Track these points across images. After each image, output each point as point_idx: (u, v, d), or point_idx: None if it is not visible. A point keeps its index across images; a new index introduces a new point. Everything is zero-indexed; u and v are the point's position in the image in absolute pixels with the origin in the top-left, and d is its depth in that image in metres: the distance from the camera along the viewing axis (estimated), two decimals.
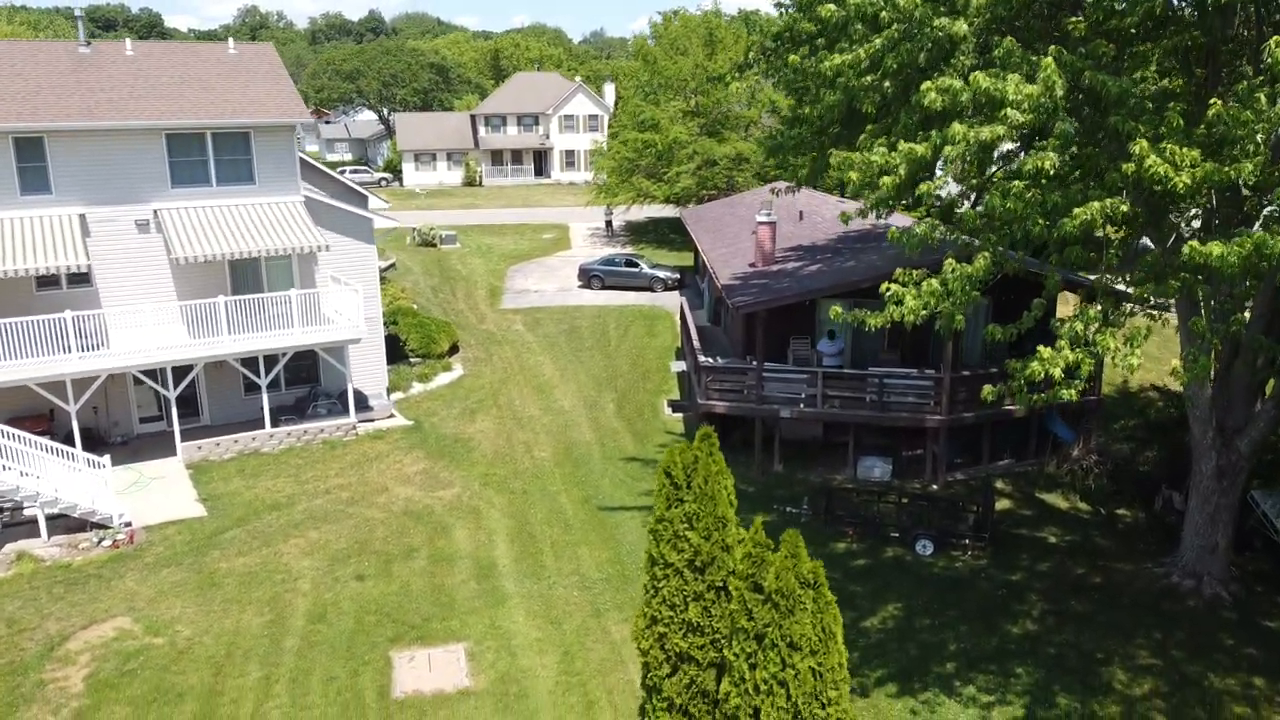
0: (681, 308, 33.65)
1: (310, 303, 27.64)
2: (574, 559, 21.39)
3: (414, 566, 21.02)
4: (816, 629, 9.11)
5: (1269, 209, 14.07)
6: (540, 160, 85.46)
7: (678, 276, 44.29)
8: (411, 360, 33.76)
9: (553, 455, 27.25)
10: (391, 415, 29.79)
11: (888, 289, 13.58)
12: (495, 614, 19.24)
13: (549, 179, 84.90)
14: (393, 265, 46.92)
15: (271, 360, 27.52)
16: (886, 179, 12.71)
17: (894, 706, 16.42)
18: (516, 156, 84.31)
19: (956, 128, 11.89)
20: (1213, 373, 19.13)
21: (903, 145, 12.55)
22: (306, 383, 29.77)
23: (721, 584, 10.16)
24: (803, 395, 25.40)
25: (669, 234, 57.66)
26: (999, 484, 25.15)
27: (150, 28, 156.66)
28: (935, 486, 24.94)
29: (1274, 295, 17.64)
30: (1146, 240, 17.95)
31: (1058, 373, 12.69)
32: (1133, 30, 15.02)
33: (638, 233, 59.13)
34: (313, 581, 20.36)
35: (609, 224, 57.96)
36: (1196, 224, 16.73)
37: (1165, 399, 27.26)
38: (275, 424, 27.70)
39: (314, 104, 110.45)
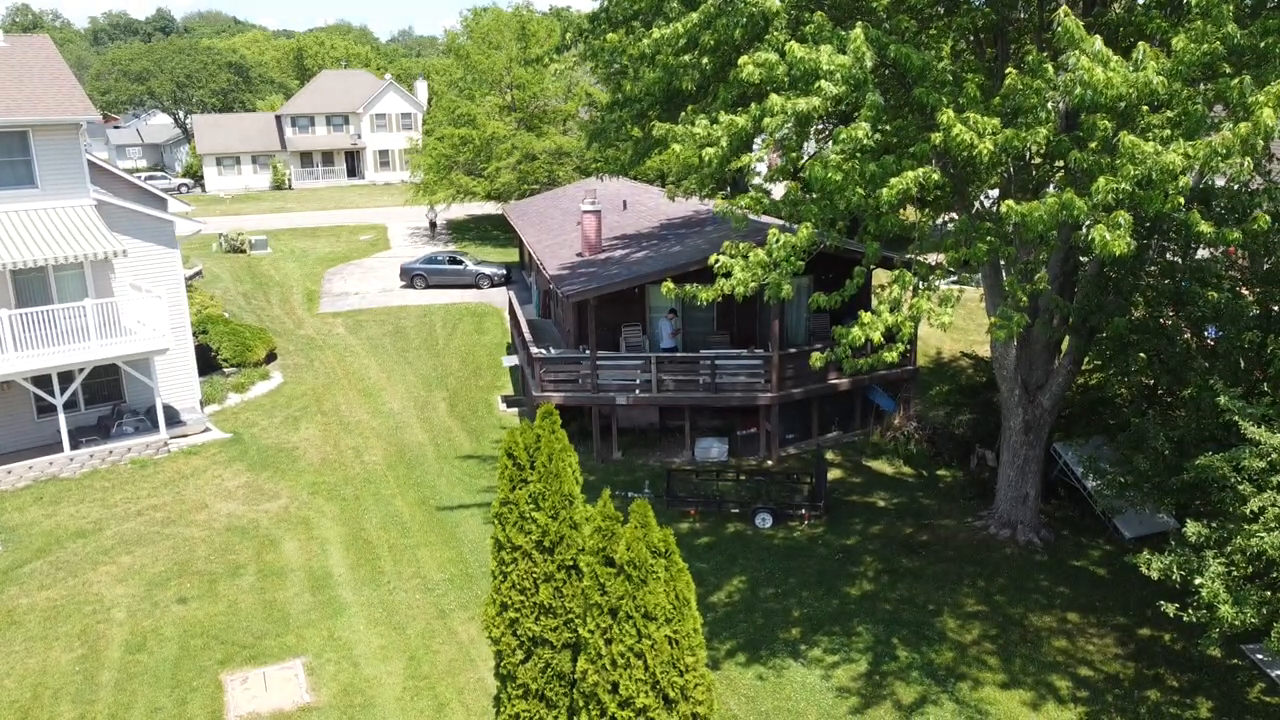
0: (510, 302, 33.25)
1: (108, 313, 25.60)
2: (414, 562, 20.72)
3: (242, 584, 19.83)
4: (670, 597, 9.08)
5: (1059, 175, 15.11)
6: (353, 161, 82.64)
7: (504, 272, 43.76)
8: (226, 370, 31.91)
9: (384, 459, 26.34)
10: (207, 429, 28.04)
11: (716, 261, 13.77)
12: (333, 625, 18.38)
13: (363, 180, 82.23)
14: (199, 273, 44.27)
15: (67, 377, 25.39)
16: (709, 150, 12.87)
17: (744, 675, 16.70)
18: (327, 158, 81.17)
19: (774, 99, 12.16)
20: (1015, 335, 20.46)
21: (724, 117, 12.75)
22: (110, 400, 27.64)
23: (572, 562, 9.98)
24: (637, 381, 25.54)
25: (492, 231, 56.93)
26: (830, 455, 26.07)
27: None
28: (770, 462, 25.60)
29: (1065, 259, 19.02)
30: (952, 215, 18.97)
31: (878, 336, 13.18)
32: (927, 10, 15.79)
33: (460, 231, 58.09)
34: (129, 610, 18.87)
35: (433, 225, 56.30)
36: (995, 194, 17.79)
37: (975, 365, 28.96)
38: (75, 446, 25.56)
39: (100, 108, 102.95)
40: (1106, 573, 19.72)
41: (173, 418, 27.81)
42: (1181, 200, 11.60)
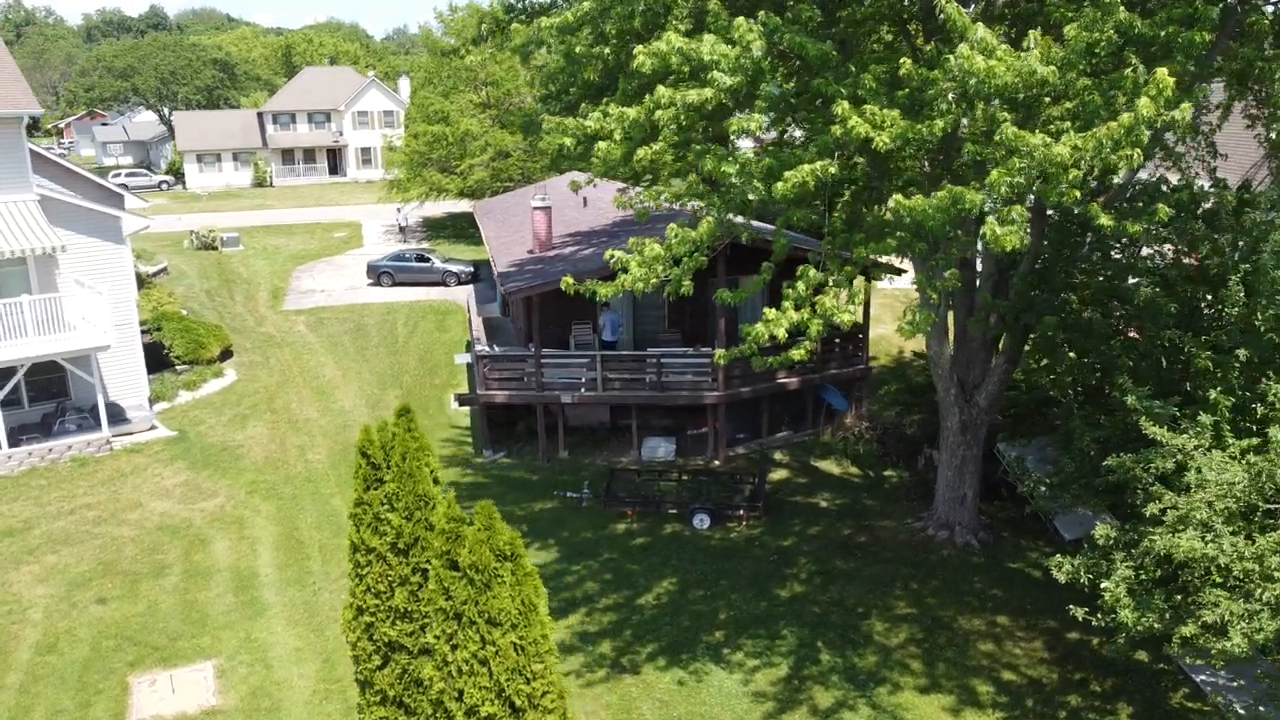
0: (468, 299, 32.93)
1: (48, 309, 25.27)
2: (343, 563, 20.37)
3: (164, 584, 19.52)
4: (516, 602, 8.76)
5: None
6: (334, 158, 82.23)
7: (471, 270, 43.42)
8: (178, 368, 31.55)
9: (328, 457, 26.00)
10: (153, 427, 27.71)
11: (611, 256, 13.46)
12: (251, 627, 18.07)
13: (345, 177, 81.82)
14: (164, 270, 43.94)
15: (7, 374, 25.05)
16: (602, 144, 12.57)
17: (662, 679, 16.39)
18: (309, 155, 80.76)
19: (662, 90, 11.83)
20: (951, 334, 20.15)
21: (614, 109, 12.43)
22: (56, 398, 27.33)
23: (427, 565, 9.67)
24: (583, 379, 25.22)
25: (467, 229, 56.48)
26: (778, 455, 25.74)
27: None
28: (717, 462, 25.28)
29: (1000, 256, 18.68)
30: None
31: (781, 333, 12.88)
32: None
33: (436, 228, 57.74)
34: (45, 610, 18.56)
35: (402, 229, 54.69)
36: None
37: (927, 365, 28.61)
38: (16, 444, 25.24)
39: (85, 104, 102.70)
40: (1042, 575, 19.34)
41: (118, 415, 27.47)
42: (1077, 194, 11.29)
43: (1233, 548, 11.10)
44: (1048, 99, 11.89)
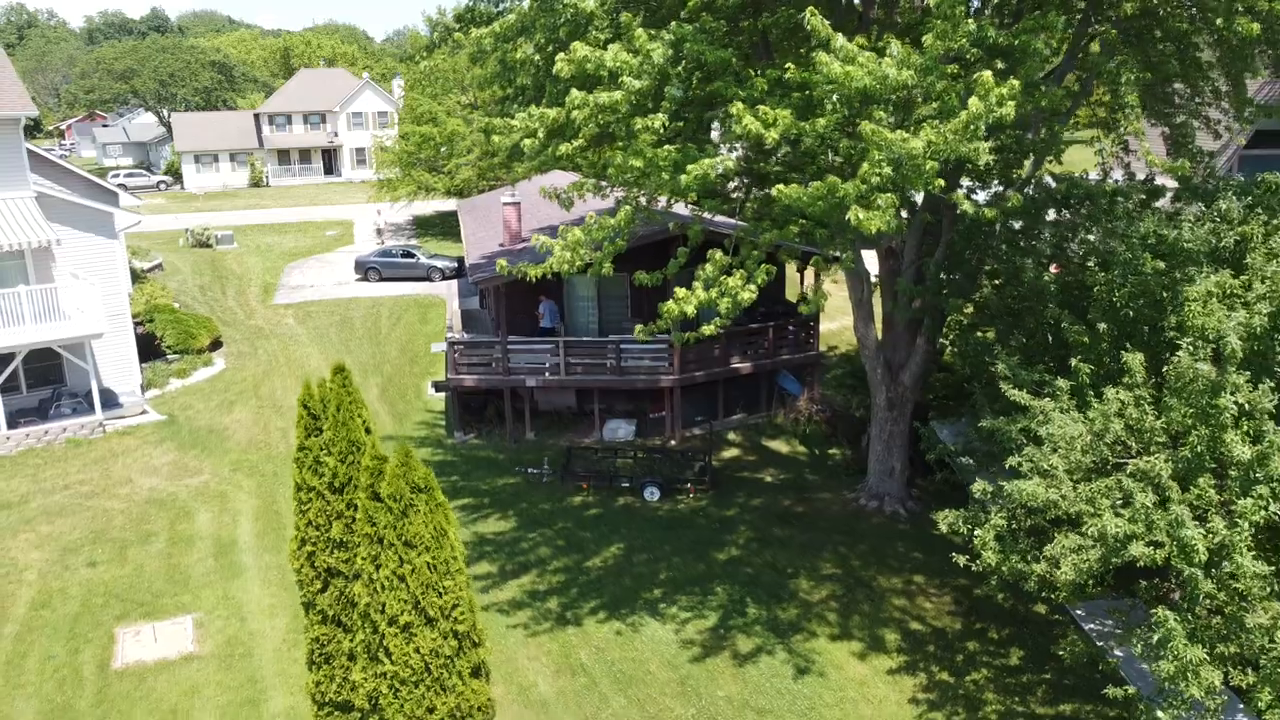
0: (450, 293, 34.47)
1: (45, 299, 26.90)
2: None
3: (151, 550, 21.13)
4: (429, 528, 10.34)
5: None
6: (330, 158, 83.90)
7: (455, 265, 44.98)
8: (169, 357, 33.18)
9: None
10: (144, 411, 29.32)
11: (537, 240, 15.04)
12: (229, 586, 19.68)
13: (339, 177, 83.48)
14: (159, 265, 45.57)
15: (5, 360, 26.67)
16: (527, 141, 14.14)
17: (600, 630, 17.97)
18: (305, 155, 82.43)
19: (575, 94, 13.42)
20: (880, 318, 21.71)
21: (534, 110, 14.01)
22: (53, 384, 28.95)
23: (359, 501, 11.25)
24: (548, 365, 26.80)
25: (455, 226, 58.06)
26: (732, 435, 27.30)
27: None
28: (673, 442, 26.84)
29: (919, 245, 20.25)
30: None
31: (690, 310, 14.44)
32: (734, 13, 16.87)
33: (425, 226, 59.34)
34: (40, 572, 20.18)
35: (379, 232, 55.32)
36: None
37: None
38: (14, 426, 26.87)
39: (85, 106, 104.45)
40: (961, 539, 20.90)
41: (111, 400, 29.07)
42: (942, 182, 12.84)
43: (1072, 492, 12.66)
44: (919, 100, 13.45)
